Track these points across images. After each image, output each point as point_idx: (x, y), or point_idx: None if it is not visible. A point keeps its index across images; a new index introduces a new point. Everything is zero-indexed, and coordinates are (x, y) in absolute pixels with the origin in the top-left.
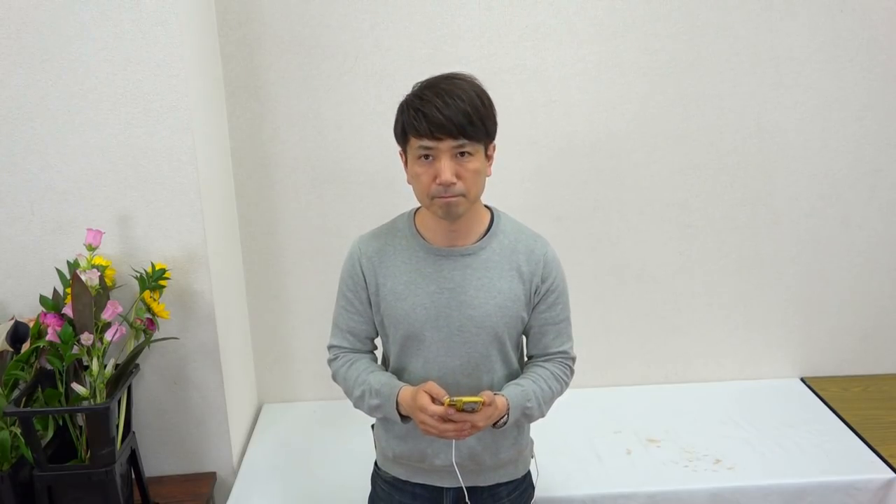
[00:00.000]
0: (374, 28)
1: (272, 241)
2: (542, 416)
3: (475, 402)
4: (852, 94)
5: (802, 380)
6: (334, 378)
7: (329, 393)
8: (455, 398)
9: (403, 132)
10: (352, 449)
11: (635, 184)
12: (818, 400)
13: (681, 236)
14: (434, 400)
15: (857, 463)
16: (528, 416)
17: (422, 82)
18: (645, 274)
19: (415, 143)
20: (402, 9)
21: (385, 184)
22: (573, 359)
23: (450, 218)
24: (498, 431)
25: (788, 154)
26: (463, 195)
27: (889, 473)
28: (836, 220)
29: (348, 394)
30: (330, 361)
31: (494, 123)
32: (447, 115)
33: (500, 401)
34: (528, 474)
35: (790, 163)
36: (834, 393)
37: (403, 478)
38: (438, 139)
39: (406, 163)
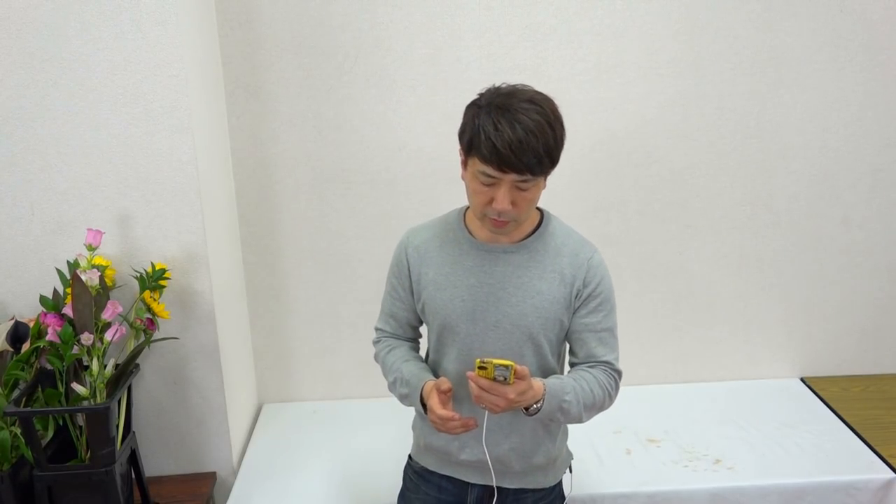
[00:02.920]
0: (374, 28)
1: (272, 241)
2: (580, 419)
3: (506, 367)
4: (852, 94)
5: (802, 380)
6: (375, 358)
7: (329, 393)
8: (486, 359)
9: (470, 146)
10: (352, 448)
11: (635, 184)
12: (818, 400)
13: (681, 236)
14: (446, 389)
15: (857, 463)
16: (564, 413)
17: (496, 94)
18: (645, 274)
19: (479, 163)
20: (402, 9)
21: (385, 184)
22: (619, 372)
23: (497, 233)
24: (528, 437)
25: (788, 154)
26: (514, 220)
27: (889, 473)
28: (836, 220)
29: (385, 377)
30: (374, 343)
31: (562, 149)
32: (518, 155)
33: (537, 384)
34: (560, 485)
35: (790, 163)
36: (834, 393)
37: (432, 468)
38: (504, 172)
39: (464, 163)
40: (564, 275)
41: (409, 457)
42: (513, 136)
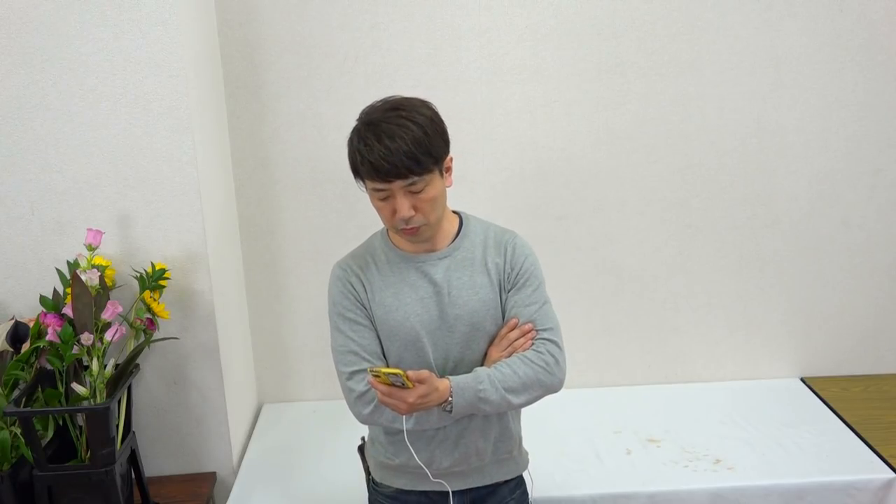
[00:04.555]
0: (374, 28)
1: (272, 241)
2: (510, 403)
3: (397, 375)
4: (852, 94)
5: (802, 380)
6: (378, 411)
7: (329, 393)
8: (376, 368)
9: (356, 171)
10: (352, 448)
11: (635, 184)
12: (818, 400)
13: (681, 236)
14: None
15: (857, 463)
16: (485, 402)
17: (367, 116)
18: (645, 274)
19: (368, 182)
20: (402, 9)
21: None
22: (553, 342)
23: (417, 242)
24: (498, 423)
25: (788, 154)
26: (424, 224)
27: (889, 473)
28: (836, 221)
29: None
30: (362, 394)
31: (445, 143)
32: (391, 162)
33: (443, 383)
34: (523, 481)
35: (790, 163)
36: (834, 393)
37: (407, 488)
38: (388, 181)
39: (365, 188)
40: (497, 264)
41: (374, 482)
42: (380, 146)
